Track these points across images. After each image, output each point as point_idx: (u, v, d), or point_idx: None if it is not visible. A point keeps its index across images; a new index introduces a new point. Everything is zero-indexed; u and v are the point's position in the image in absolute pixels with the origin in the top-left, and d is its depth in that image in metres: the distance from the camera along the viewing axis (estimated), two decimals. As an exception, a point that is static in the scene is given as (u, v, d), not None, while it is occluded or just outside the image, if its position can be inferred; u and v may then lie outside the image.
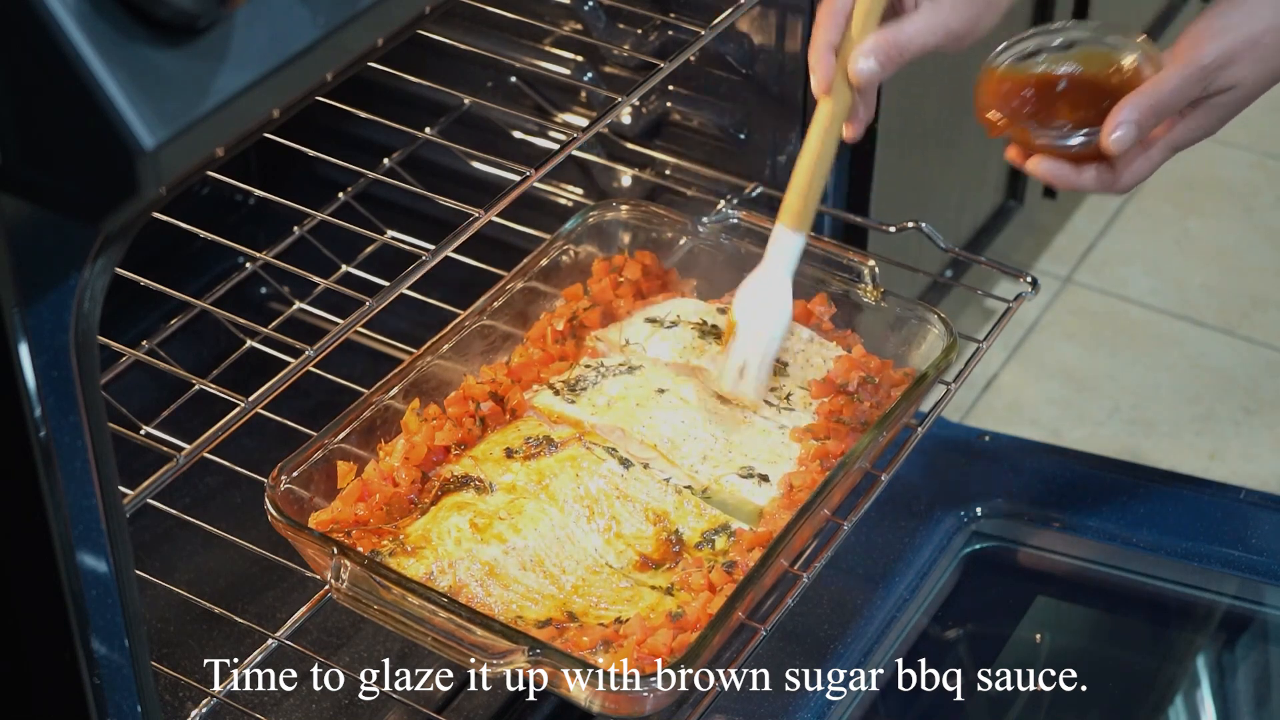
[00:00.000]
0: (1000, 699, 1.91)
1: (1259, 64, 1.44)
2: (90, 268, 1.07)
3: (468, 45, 1.97)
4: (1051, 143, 1.52)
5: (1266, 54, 1.44)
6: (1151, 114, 1.46)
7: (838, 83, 1.55)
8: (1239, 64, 1.44)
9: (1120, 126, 1.46)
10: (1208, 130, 1.49)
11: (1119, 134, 1.46)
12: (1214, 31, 1.45)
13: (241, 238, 1.89)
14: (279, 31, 1.08)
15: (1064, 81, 1.54)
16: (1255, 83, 1.46)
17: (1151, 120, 1.46)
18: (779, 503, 1.64)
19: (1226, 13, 1.46)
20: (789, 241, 1.63)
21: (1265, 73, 1.45)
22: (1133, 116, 1.46)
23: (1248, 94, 1.46)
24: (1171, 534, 1.96)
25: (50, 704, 1.25)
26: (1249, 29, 1.44)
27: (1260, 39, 1.44)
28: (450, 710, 1.78)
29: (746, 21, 2.00)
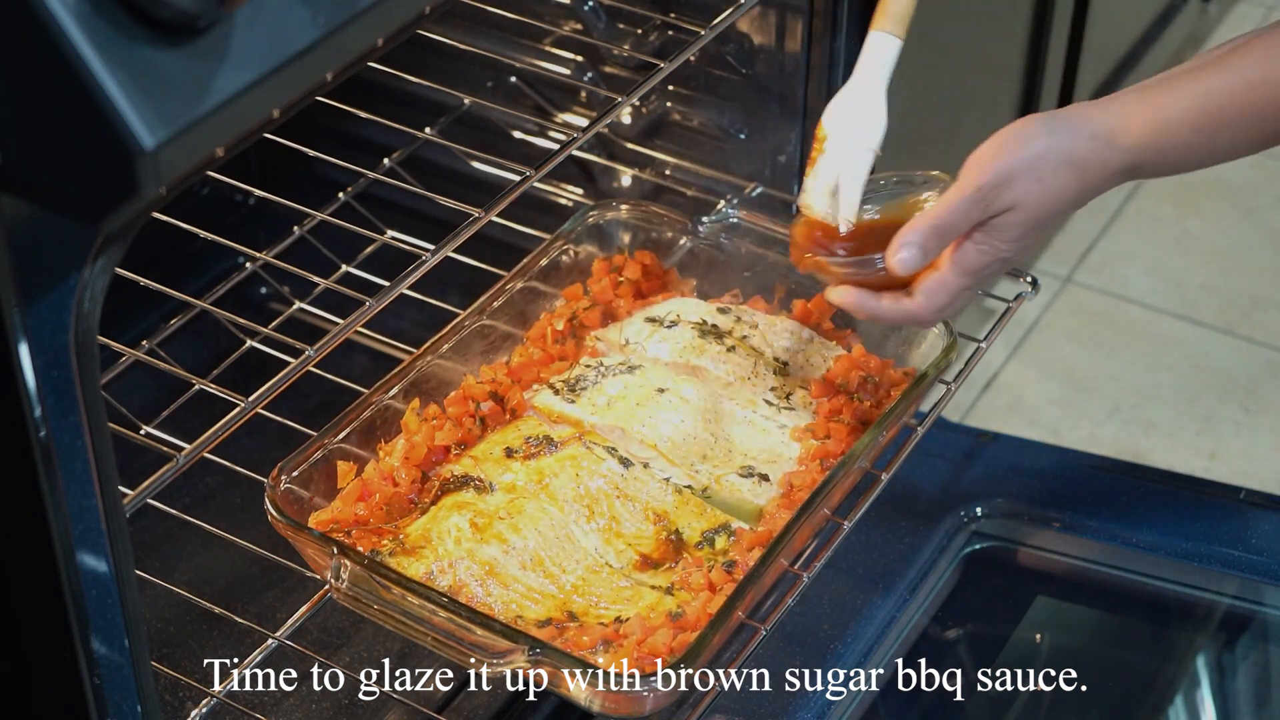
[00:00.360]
0: (1000, 699, 1.91)
1: (1036, 184, 1.48)
2: (90, 268, 1.07)
3: (468, 45, 1.97)
4: (847, 269, 1.57)
5: (1043, 175, 1.48)
6: (934, 235, 1.49)
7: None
8: (1015, 185, 1.48)
9: (904, 248, 1.50)
10: (1000, 252, 1.51)
11: (902, 255, 1.50)
12: (992, 154, 1.49)
13: (241, 238, 1.89)
14: (279, 31, 1.08)
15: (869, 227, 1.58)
16: (1036, 203, 1.48)
17: (934, 242, 1.49)
18: (779, 503, 1.64)
19: (1004, 136, 1.50)
20: (884, 46, 1.58)
21: (1044, 194, 1.48)
22: (915, 239, 1.49)
23: (1030, 215, 1.49)
24: (1171, 534, 1.96)
25: (50, 704, 1.25)
26: (1024, 151, 1.48)
27: (1036, 162, 1.47)
28: (450, 710, 1.78)
29: (746, 21, 2.00)
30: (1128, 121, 1.48)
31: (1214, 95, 1.46)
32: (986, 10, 2.31)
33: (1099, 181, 1.50)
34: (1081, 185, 1.49)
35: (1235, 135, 1.47)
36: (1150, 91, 1.49)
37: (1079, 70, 2.57)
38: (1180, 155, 1.49)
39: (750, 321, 1.79)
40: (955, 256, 1.51)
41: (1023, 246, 1.51)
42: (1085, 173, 1.48)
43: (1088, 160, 1.48)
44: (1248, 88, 1.44)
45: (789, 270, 1.84)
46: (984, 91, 2.42)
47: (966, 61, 2.28)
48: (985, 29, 2.32)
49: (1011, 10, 2.37)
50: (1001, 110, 2.45)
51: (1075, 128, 1.48)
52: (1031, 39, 2.44)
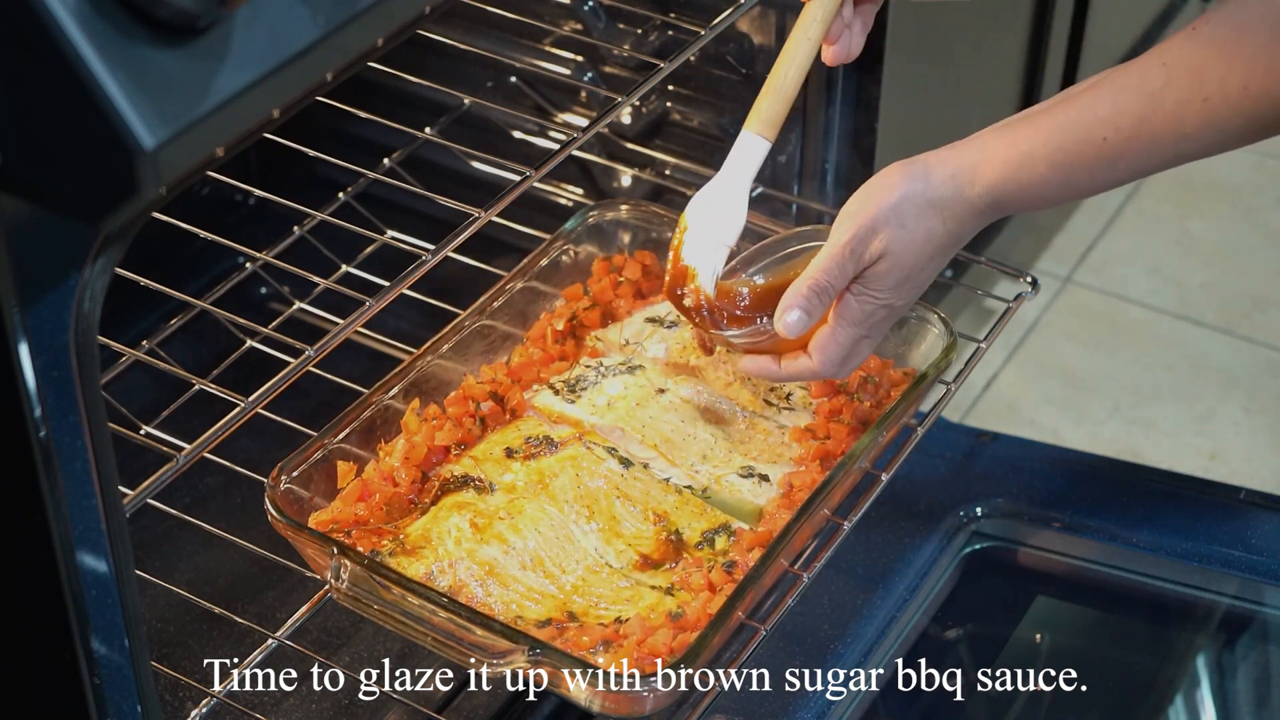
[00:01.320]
0: (1000, 699, 1.91)
1: (901, 231, 1.49)
2: (90, 268, 1.07)
3: (468, 45, 1.97)
4: (744, 341, 1.60)
5: (906, 221, 1.49)
6: (813, 294, 1.51)
7: None
8: (879, 235, 1.50)
9: (788, 313, 1.52)
10: (880, 300, 1.53)
11: (788, 320, 1.52)
12: (856, 208, 1.51)
13: (241, 238, 1.89)
14: (279, 31, 1.08)
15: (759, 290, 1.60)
16: (903, 250, 1.50)
17: (815, 300, 1.52)
18: (779, 503, 1.64)
19: (868, 189, 1.52)
20: (750, 146, 1.59)
21: (910, 240, 1.50)
22: (796, 301, 1.52)
23: (900, 262, 1.51)
24: (1171, 534, 1.96)
25: (50, 704, 1.25)
26: (884, 200, 1.49)
27: (897, 209, 1.49)
28: (450, 710, 1.78)
29: (746, 21, 2.00)
30: (986, 160, 1.49)
31: (1068, 132, 1.46)
32: (986, 10, 2.31)
33: (965, 220, 1.51)
34: (947, 227, 1.50)
35: (1090, 172, 1.47)
36: (1009, 129, 1.50)
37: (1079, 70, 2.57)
38: (1040, 191, 1.49)
39: (750, 321, 1.79)
40: (839, 310, 1.54)
41: (903, 292, 1.53)
42: (948, 214, 1.50)
43: (948, 201, 1.49)
44: (1098, 124, 1.45)
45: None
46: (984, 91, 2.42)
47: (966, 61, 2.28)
48: (985, 29, 2.32)
49: (1011, 10, 2.37)
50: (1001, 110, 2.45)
51: (932, 171, 1.50)
52: (1031, 39, 2.44)
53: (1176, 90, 1.43)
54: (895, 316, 1.56)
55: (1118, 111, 1.45)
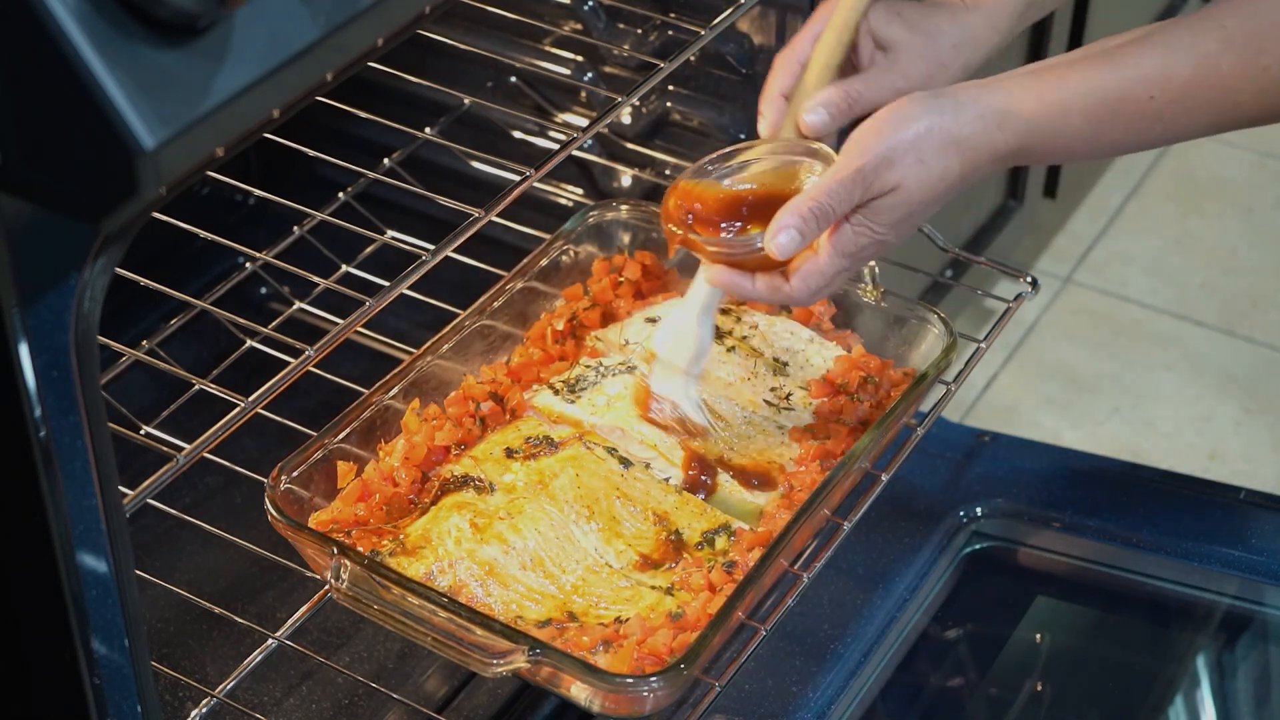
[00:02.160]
0: (1000, 699, 1.91)
1: (918, 165, 1.44)
2: (90, 268, 1.07)
3: (468, 45, 1.97)
4: (721, 250, 1.53)
5: (926, 156, 1.44)
6: (812, 217, 1.45)
7: (786, 129, 1.56)
8: (897, 166, 1.44)
9: (782, 232, 1.45)
10: (878, 234, 1.47)
11: (781, 240, 1.45)
12: (873, 134, 1.45)
13: (241, 238, 1.89)
14: (279, 31, 1.08)
15: (747, 197, 1.55)
16: (916, 185, 1.45)
17: (813, 224, 1.45)
18: (779, 503, 1.64)
19: (886, 116, 1.46)
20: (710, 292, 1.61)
21: (926, 175, 1.45)
22: (792, 221, 1.45)
23: (910, 197, 1.45)
24: (1171, 534, 1.96)
25: (50, 704, 1.25)
26: (907, 131, 1.44)
27: (919, 141, 1.44)
28: (450, 710, 1.78)
29: (746, 21, 2.00)
30: (1018, 104, 1.45)
31: (1109, 87, 1.43)
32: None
33: (983, 164, 1.46)
34: (964, 167, 1.46)
35: (1126, 129, 1.44)
36: (1043, 76, 1.46)
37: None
38: (1068, 143, 1.45)
39: (750, 321, 1.79)
40: (833, 239, 1.47)
41: (902, 229, 1.48)
42: (969, 154, 1.45)
43: (972, 141, 1.45)
44: (1143, 81, 1.42)
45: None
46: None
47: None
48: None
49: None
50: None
51: (961, 107, 1.45)
52: (1031, 39, 2.44)
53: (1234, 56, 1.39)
54: (880, 253, 1.50)
55: (1167, 71, 1.40)
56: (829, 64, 1.55)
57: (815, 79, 1.56)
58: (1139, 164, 3.05)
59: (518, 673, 1.46)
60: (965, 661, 1.94)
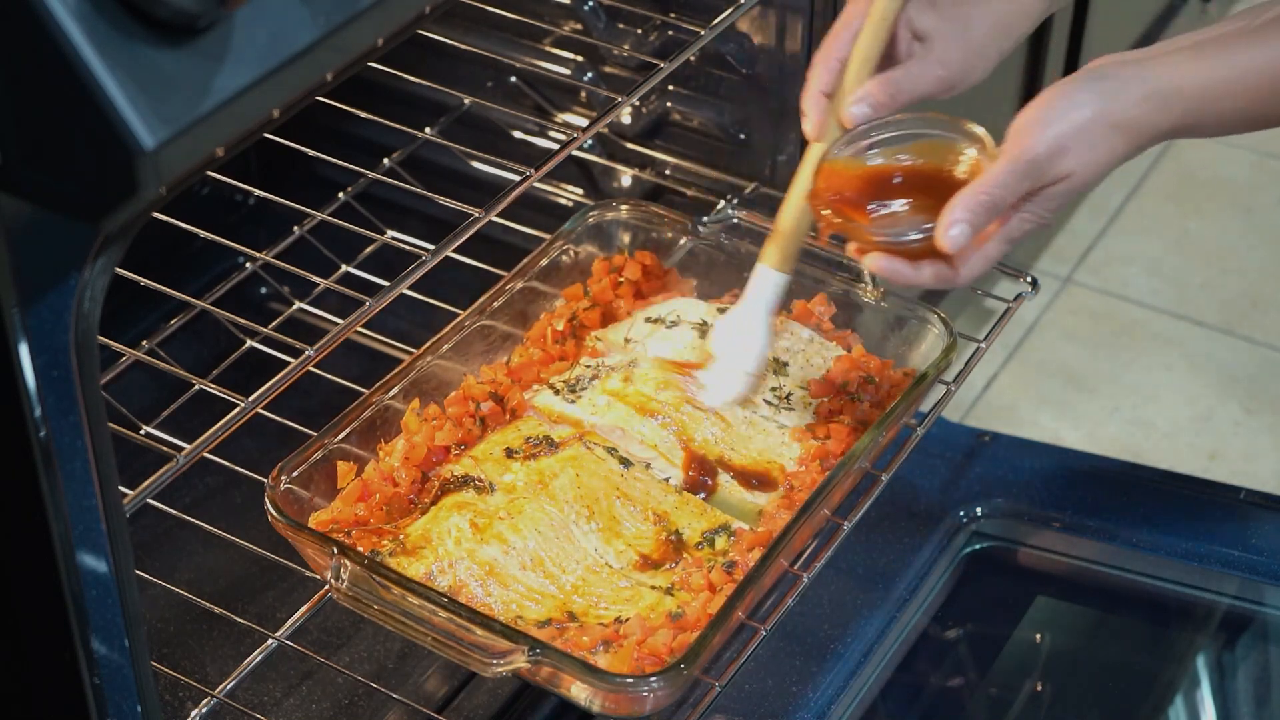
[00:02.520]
0: (1000, 699, 1.91)
1: (1089, 152, 1.44)
2: (90, 268, 1.07)
3: (468, 45, 1.97)
4: (887, 240, 1.50)
5: (1095, 141, 1.44)
6: (984, 211, 1.44)
7: (830, 127, 1.57)
8: (1069, 154, 1.44)
9: (954, 225, 1.44)
10: (1043, 220, 1.48)
11: (954, 232, 1.44)
12: (1041, 123, 1.44)
13: (241, 238, 1.89)
14: (279, 31, 1.08)
15: (899, 174, 1.53)
16: (1086, 171, 1.45)
17: (984, 217, 1.45)
18: (779, 503, 1.64)
19: (1051, 103, 1.45)
20: (772, 280, 1.64)
21: (1095, 160, 1.44)
22: (965, 215, 1.44)
23: (1081, 182, 1.46)
24: (1171, 534, 1.96)
25: (50, 704, 1.25)
26: (1075, 118, 1.43)
27: (1087, 127, 1.43)
28: (450, 710, 1.78)
29: (746, 21, 2.00)
30: (1182, 83, 1.44)
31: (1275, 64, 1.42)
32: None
33: (1146, 143, 1.46)
34: (1129, 147, 1.46)
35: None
36: (1206, 52, 1.45)
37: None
38: (1229, 120, 1.45)
39: (750, 321, 1.79)
40: (1003, 228, 1.48)
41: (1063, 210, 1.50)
42: (1134, 135, 1.45)
43: (1138, 124, 1.44)
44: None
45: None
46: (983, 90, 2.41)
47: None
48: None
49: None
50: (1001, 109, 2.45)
51: (1127, 88, 1.44)
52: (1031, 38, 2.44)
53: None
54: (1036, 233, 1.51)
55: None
56: (869, 58, 1.55)
57: (856, 74, 1.56)
58: (1139, 164, 3.05)
59: (518, 673, 1.46)
60: (965, 661, 1.94)
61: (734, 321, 1.68)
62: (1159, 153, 3.07)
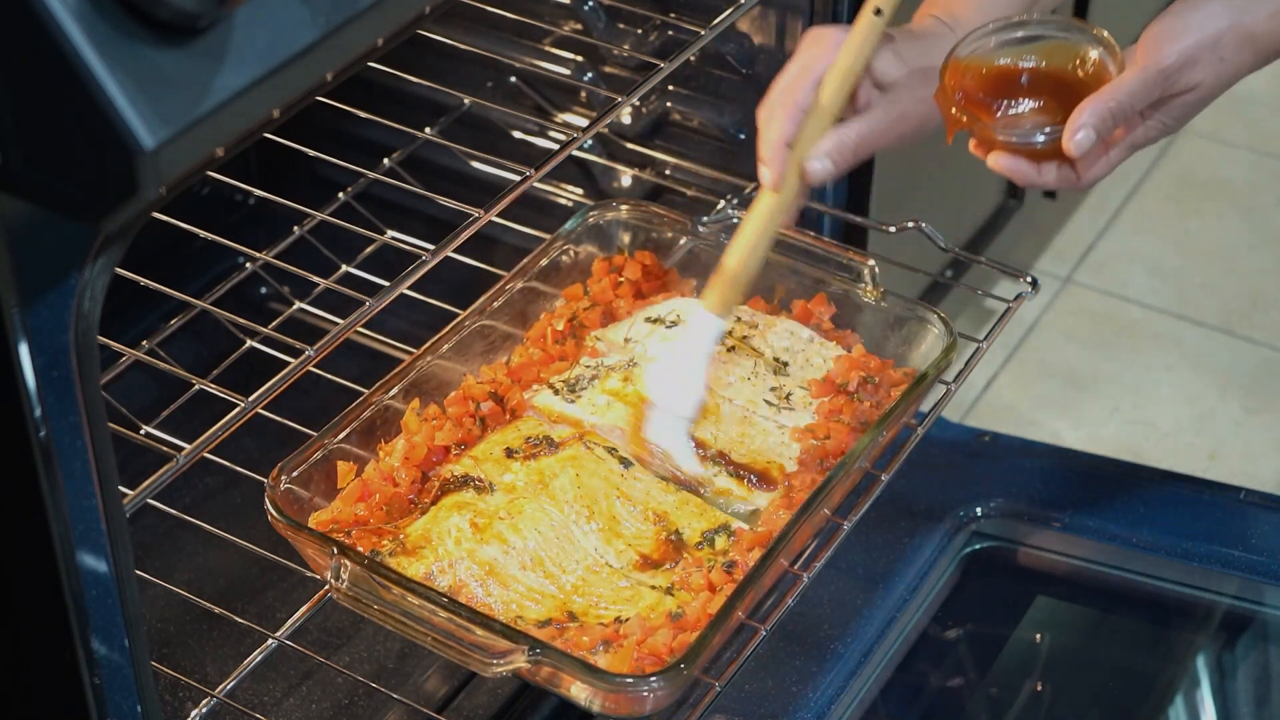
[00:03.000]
0: (1000, 699, 1.91)
1: (1219, 64, 1.47)
2: (90, 268, 1.07)
3: (468, 45, 1.97)
4: (1013, 140, 1.51)
5: (1225, 54, 1.46)
6: (1111, 117, 1.47)
7: (790, 179, 1.56)
8: (1199, 66, 1.47)
9: (1081, 129, 1.46)
10: (1169, 129, 1.51)
11: (1080, 136, 1.46)
12: (1173, 33, 1.47)
13: (241, 238, 1.89)
14: (279, 31, 1.08)
15: (1026, 75, 1.54)
16: (1215, 83, 1.48)
17: (1111, 123, 1.47)
18: (779, 503, 1.64)
19: (1184, 14, 1.48)
20: (710, 325, 1.64)
21: (1224, 73, 1.47)
22: (1093, 120, 1.47)
23: (1209, 93, 1.49)
24: (1171, 534, 1.96)
25: (50, 704, 1.25)
26: (1208, 30, 1.46)
27: (1219, 40, 1.46)
28: (450, 710, 1.78)
29: (746, 21, 2.00)
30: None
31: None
32: (986, 10, 2.30)
33: (1274, 56, 1.49)
34: (1257, 60, 1.48)
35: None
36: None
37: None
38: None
39: (750, 321, 1.79)
40: (1129, 136, 1.50)
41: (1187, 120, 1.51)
42: (1264, 48, 1.48)
43: (1270, 37, 1.47)
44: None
45: (789, 270, 1.83)
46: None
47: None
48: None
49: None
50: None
51: (1259, 2, 1.47)
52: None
53: None
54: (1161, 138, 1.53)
55: None
56: (832, 112, 1.54)
57: (818, 126, 1.54)
58: (1139, 164, 3.05)
59: (518, 673, 1.46)
60: (965, 661, 1.94)
61: (670, 366, 1.67)
62: (1159, 153, 3.07)
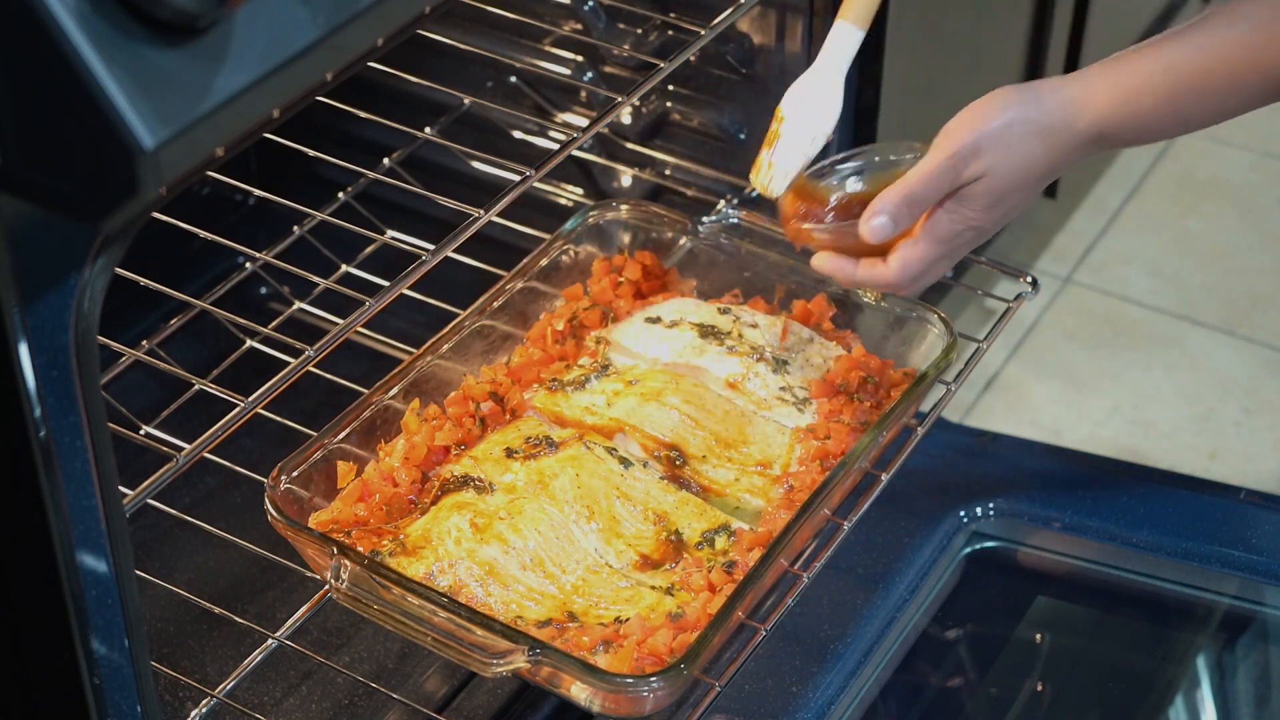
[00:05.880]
0: (1000, 699, 1.91)
1: (1005, 153, 1.51)
2: (90, 268, 1.07)
3: (468, 45, 1.97)
4: (826, 237, 1.59)
5: (1012, 143, 1.51)
6: (905, 203, 1.52)
7: None
8: (985, 154, 1.51)
9: (876, 216, 1.52)
10: (971, 221, 1.54)
11: (875, 223, 1.52)
12: (963, 123, 1.52)
13: (241, 238, 1.89)
14: (279, 31, 1.08)
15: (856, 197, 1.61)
16: (1005, 172, 1.51)
17: (905, 209, 1.52)
18: (779, 503, 1.64)
19: (974, 108, 1.53)
20: (846, 36, 1.62)
21: (1014, 161, 1.51)
22: (887, 208, 1.52)
23: (1001, 183, 1.52)
24: (1171, 534, 1.96)
25: (50, 704, 1.25)
26: (994, 120, 1.51)
27: (1004, 131, 1.51)
28: (450, 710, 1.78)
29: (746, 21, 2.00)
30: (1094, 90, 1.51)
31: (1175, 64, 1.49)
32: (986, 9, 2.30)
33: (1068, 149, 1.52)
34: (1050, 154, 1.52)
35: (1200, 103, 1.49)
36: (1117, 62, 1.52)
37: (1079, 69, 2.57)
38: (1147, 122, 1.51)
39: (750, 321, 1.79)
40: (927, 225, 1.54)
41: (994, 216, 1.54)
42: (1053, 141, 1.51)
43: (1054, 128, 1.51)
44: (1208, 56, 1.47)
45: (789, 270, 1.84)
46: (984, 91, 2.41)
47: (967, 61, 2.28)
48: (985, 28, 2.32)
49: (1011, 9, 2.37)
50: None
51: (1043, 97, 1.52)
52: (1031, 38, 2.44)
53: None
54: (977, 241, 1.56)
55: (1230, 42, 1.46)
56: None
57: None
58: (1138, 164, 3.05)
59: (518, 673, 1.46)
60: (965, 661, 1.94)
61: (809, 82, 1.64)
62: (1159, 153, 3.07)
